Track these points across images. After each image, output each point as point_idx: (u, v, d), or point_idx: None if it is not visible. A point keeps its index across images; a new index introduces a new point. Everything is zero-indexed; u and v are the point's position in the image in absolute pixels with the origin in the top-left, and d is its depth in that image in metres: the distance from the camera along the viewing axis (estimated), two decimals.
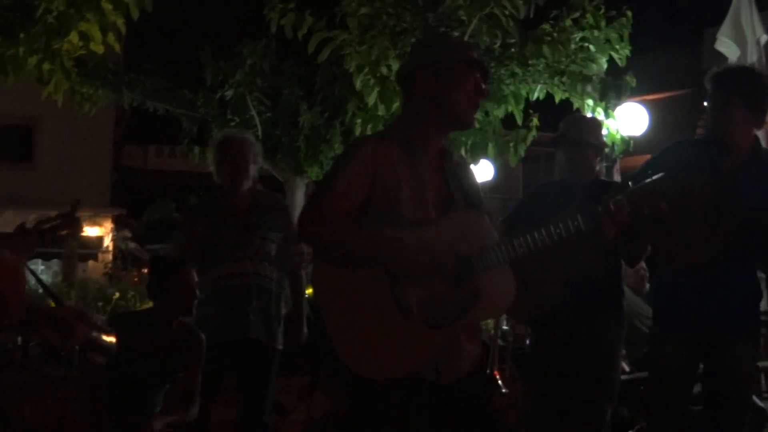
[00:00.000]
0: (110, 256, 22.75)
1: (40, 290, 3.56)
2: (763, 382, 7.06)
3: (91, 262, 23.41)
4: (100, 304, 8.80)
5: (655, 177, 3.27)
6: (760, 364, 6.23)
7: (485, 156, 10.40)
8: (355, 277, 3.06)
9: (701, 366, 4.15)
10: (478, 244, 3.11)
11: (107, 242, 24.43)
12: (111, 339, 2.90)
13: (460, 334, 3.14)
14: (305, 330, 5.47)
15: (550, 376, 4.67)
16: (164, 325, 4.68)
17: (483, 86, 3.28)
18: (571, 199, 4.48)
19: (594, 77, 9.43)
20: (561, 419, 4.62)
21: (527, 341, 6.22)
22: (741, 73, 4.10)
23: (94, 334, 2.24)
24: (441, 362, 3.10)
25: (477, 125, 9.41)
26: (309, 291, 5.52)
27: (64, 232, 3.02)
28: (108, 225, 25.06)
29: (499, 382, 6.79)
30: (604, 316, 4.66)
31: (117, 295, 8.93)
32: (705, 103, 4.12)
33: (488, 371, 6.54)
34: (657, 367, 4.25)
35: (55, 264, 24.03)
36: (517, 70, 9.49)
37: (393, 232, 3.05)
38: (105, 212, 24.78)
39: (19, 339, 6.81)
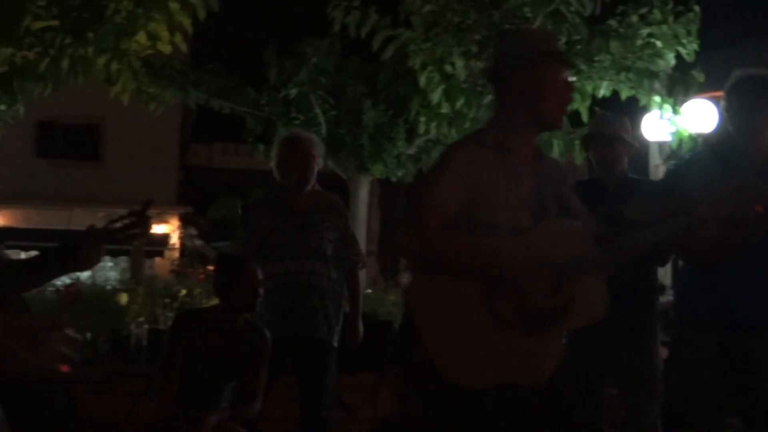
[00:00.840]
0: (177, 254, 23.02)
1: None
2: None
3: (157, 259, 23.74)
4: (166, 300, 8.90)
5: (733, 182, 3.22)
6: None
7: (550, 154, 10.33)
8: (451, 287, 3.05)
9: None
10: (571, 251, 3.08)
11: (174, 239, 24.74)
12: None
13: (551, 340, 3.14)
14: (361, 330, 5.49)
15: (590, 378, 4.64)
16: (229, 322, 4.72)
17: (570, 81, 3.24)
18: (604, 198, 4.46)
19: (661, 73, 9.32)
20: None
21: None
22: None
23: (64, 349, 2.12)
24: (533, 367, 3.11)
25: None
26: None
27: (134, 232, 3.00)
28: (174, 222, 25.40)
29: None
30: (641, 315, 4.63)
31: (183, 292, 9.02)
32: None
33: None
34: (684, 373, 3.92)
35: (123, 261, 24.45)
36: (583, 66, 9.39)
37: (490, 242, 3.03)
38: (171, 210, 25.11)
39: (89, 334, 6.93)
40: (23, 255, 17.51)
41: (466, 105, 9.19)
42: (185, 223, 24.47)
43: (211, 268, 14.75)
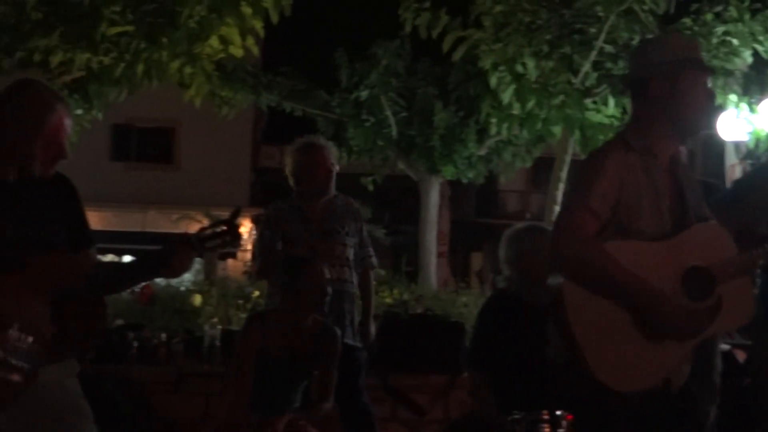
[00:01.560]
0: (249, 255, 23.24)
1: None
2: None
3: (230, 261, 23.97)
4: (240, 302, 8.99)
5: None
6: None
7: None
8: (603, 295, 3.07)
9: None
10: (716, 255, 3.09)
11: (246, 241, 24.97)
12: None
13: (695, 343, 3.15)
14: (373, 332, 5.54)
15: None
16: (299, 322, 4.76)
17: (710, 89, 3.23)
18: None
19: (737, 71, 9.15)
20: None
21: None
22: None
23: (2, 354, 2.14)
24: (679, 370, 3.14)
25: (616, 122, 9.25)
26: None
27: (225, 241, 2.99)
28: (247, 224, 25.65)
29: None
30: None
31: (256, 293, 9.08)
32: None
33: None
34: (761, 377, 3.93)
35: (197, 262, 24.71)
36: None
37: (638, 280, 3.02)
38: (244, 212, 25.20)
39: (164, 335, 7.02)
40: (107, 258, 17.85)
41: (537, 105, 9.13)
42: (258, 224, 24.68)
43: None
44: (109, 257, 18.80)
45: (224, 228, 2.99)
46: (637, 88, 3.26)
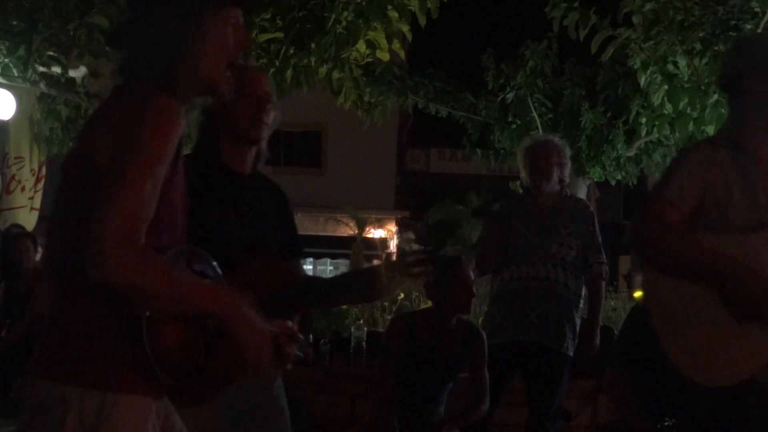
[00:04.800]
0: (394, 258, 23.43)
1: None
2: None
3: (375, 262, 24.27)
4: (385, 304, 9.11)
5: None
6: None
7: None
8: (688, 286, 3.06)
9: None
10: None
11: (391, 244, 25.22)
12: None
13: None
14: (598, 341, 5.47)
15: None
16: (444, 323, 4.80)
17: None
18: None
19: None
20: None
21: None
22: None
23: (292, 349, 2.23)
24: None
25: None
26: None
27: (422, 269, 2.96)
28: (392, 227, 25.90)
29: None
30: None
31: (402, 295, 9.20)
32: None
33: None
34: None
35: (342, 264, 25.13)
36: None
37: (726, 257, 3.01)
38: (389, 215, 25.62)
39: (311, 336, 7.18)
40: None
41: (689, 105, 8.94)
42: (403, 227, 24.89)
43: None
44: None
45: (423, 256, 2.99)
46: (732, 87, 3.28)
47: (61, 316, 2.21)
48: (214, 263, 2.26)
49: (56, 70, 8.39)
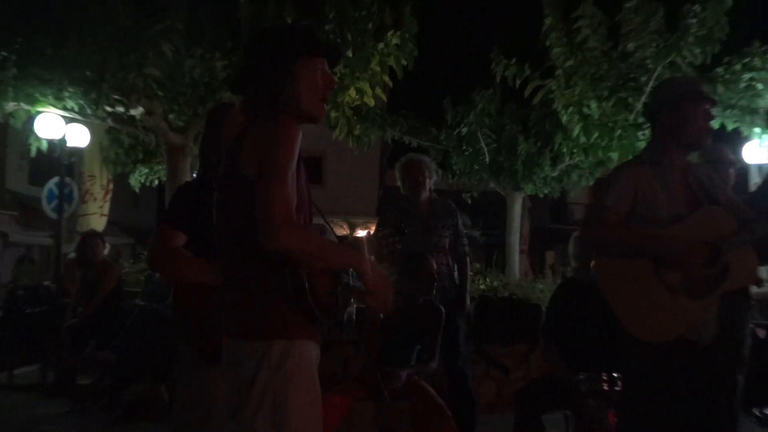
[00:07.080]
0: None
1: None
2: None
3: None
4: None
5: None
6: None
7: None
8: (627, 265, 3.12)
9: None
10: (721, 231, 3.09)
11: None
12: None
13: (713, 302, 3.13)
14: (468, 302, 5.46)
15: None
16: (414, 301, 4.80)
17: (710, 113, 3.28)
18: None
19: (760, 110, 8.82)
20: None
21: None
22: None
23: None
24: (701, 326, 3.10)
25: None
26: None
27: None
28: (374, 228, 25.82)
29: None
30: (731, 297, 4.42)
31: None
32: None
33: None
34: None
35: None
36: None
37: (655, 231, 3.10)
38: (372, 220, 25.55)
39: None
40: None
41: (599, 137, 9.04)
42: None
43: None
44: None
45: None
46: (651, 118, 3.38)
47: (243, 290, 2.27)
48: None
49: (120, 109, 8.35)
